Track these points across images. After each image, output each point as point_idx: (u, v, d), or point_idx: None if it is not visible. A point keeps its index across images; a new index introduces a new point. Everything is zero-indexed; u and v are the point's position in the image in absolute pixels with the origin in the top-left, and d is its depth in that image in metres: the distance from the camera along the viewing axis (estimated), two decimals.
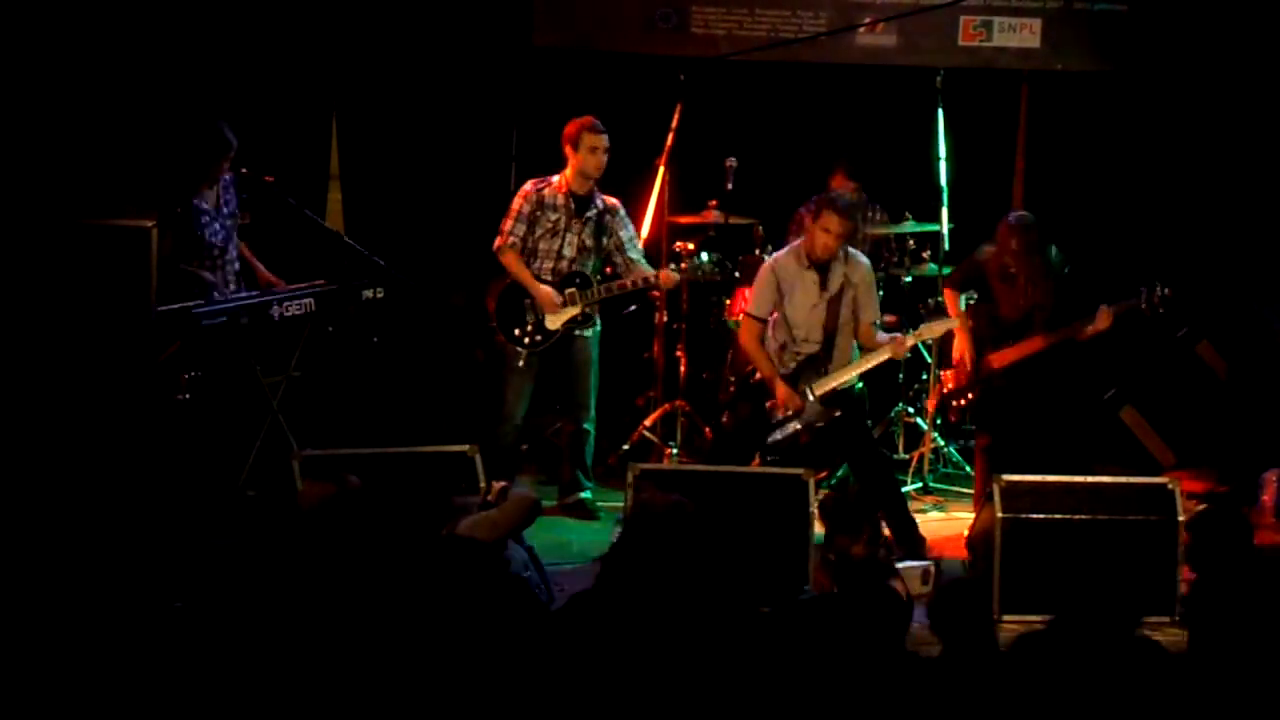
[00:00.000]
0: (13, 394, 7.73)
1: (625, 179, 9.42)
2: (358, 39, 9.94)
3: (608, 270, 8.75)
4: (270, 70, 9.68)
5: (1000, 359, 8.40)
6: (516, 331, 8.64)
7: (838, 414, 8.11)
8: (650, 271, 8.69)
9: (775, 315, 8.29)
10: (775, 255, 8.36)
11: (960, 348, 8.52)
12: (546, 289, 8.59)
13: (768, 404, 8.20)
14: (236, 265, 8.60)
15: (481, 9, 9.97)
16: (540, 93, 9.91)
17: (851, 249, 8.31)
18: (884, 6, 9.82)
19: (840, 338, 8.23)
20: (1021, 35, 9.88)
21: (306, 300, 8.53)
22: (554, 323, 8.63)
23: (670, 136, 9.24)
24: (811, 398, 8.13)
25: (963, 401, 8.51)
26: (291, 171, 9.29)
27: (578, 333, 8.67)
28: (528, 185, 8.69)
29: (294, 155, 9.71)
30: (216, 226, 8.47)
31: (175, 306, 8.09)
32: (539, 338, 8.64)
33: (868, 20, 9.79)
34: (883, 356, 8.20)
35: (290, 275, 8.81)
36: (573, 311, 8.62)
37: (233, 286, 8.52)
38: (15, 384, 7.75)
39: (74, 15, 9.06)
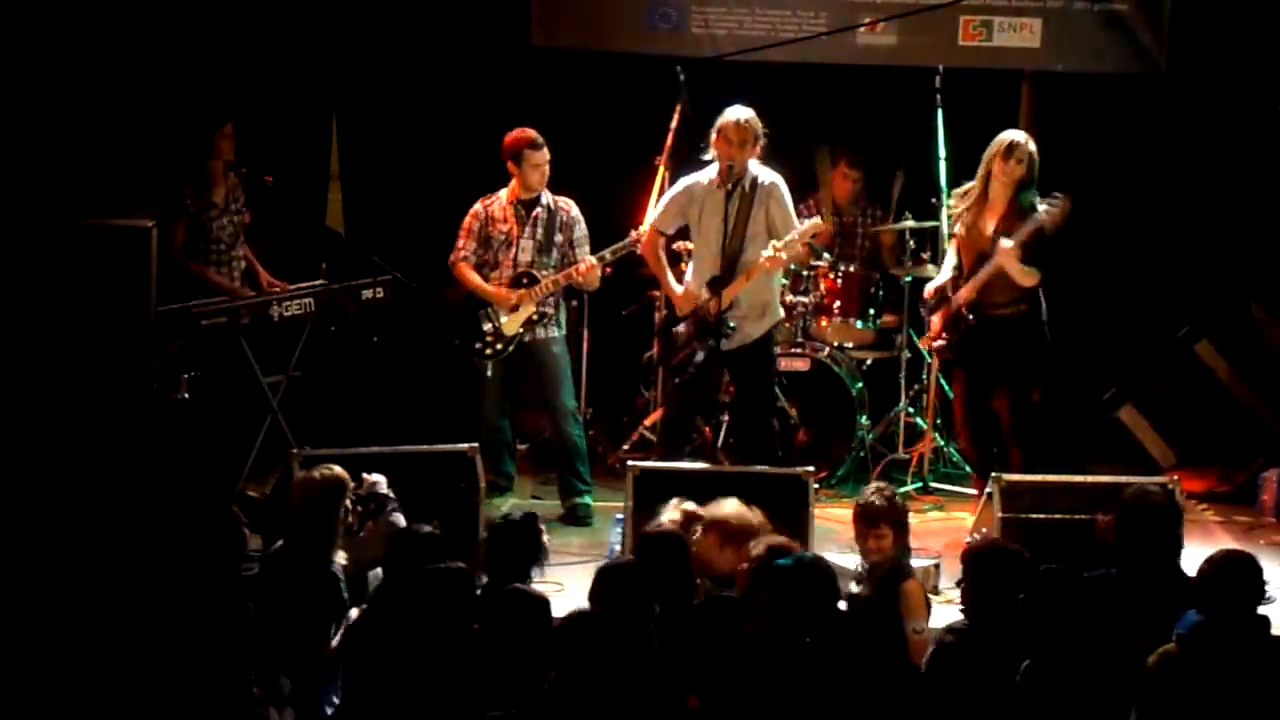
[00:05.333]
0: (13, 394, 7.73)
1: (625, 179, 9.43)
2: (358, 39, 9.94)
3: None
4: (270, 70, 9.68)
5: (964, 295, 8.36)
6: (478, 345, 8.64)
7: (732, 330, 8.15)
8: (578, 264, 8.64)
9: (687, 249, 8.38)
10: (692, 175, 8.38)
11: (929, 287, 8.50)
12: (500, 290, 8.60)
13: (673, 331, 8.30)
14: (243, 264, 8.64)
15: (481, 10, 9.97)
16: (539, 93, 9.90)
17: (765, 169, 8.29)
18: (884, 6, 9.81)
19: (745, 258, 8.20)
20: (1021, 35, 9.88)
21: (306, 300, 8.54)
22: (511, 327, 8.61)
23: (670, 136, 9.23)
24: (715, 310, 8.14)
25: (943, 343, 8.47)
26: (291, 171, 9.29)
27: (540, 334, 8.65)
28: (477, 205, 8.73)
29: (294, 155, 9.71)
30: (224, 221, 8.52)
31: (175, 306, 8.11)
32: (499, 345, 8.62)
33: (868, 20, 9.79)
34: (761, 270, 8.18)
35: (290, 275, 8.82)
36: (528, 312, 8.60)
37: (238, 283, 8.56)
38: (15, 384, 7.75)
39: (74, 15, 9.06)
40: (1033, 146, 8.30)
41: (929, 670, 5.78)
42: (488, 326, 8.63)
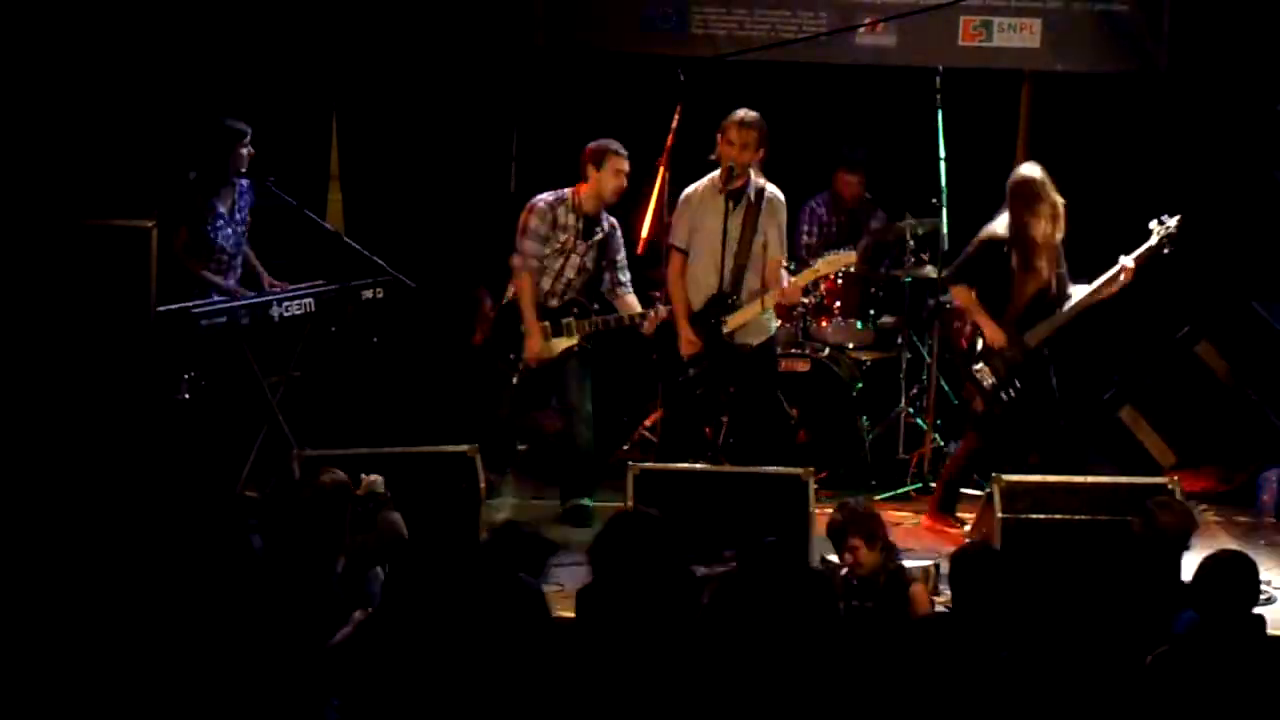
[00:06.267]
0: (13, 394, 7.74)
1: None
2: (358, 39, 9.94)
3: (600, 287, 8.69)
4: (270, 70, 9.68)
5: (1035, 338, 8.29)
6: (511, 355, 8.59)
7: (744, 349, 8.18)
8: (638, 309, 8.59)
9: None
10: (692, 185, 8.36)
11: (994, 334, 8.29)
12: (537, 336, 8.50)
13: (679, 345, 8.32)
14: (240, 270, 8.64)
15: (482, 9, 9.97)
16: (540, 93, 9.90)
17: (770, 185, 8.28)
18: (884, 6, 9.82)
19: (751, 273, 8.23)
20: (1021, 35, 9.89)
21: (306, 300, 8.54)
22: (549, 351, 8.56)
23: (670, 137, 9.23)
24: (721, 332, 8.15)
25: (1013, 392, 8.39)
26: (291, 171, 9.29)
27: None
28: (541, 202, 8.58)
29: (294, 155, 9.71)
30: (229, 231, 8.52)
31: (175, 306, 8.11)
32: (534, 365, 8.59)
33: (868, 20, 9.79)
34: (774, 298, 8.23)
35: (290, 275, 8.82)
36: (570, 342, 8.55)
37: (237, 285, 8.56)
38: (15, 384, 7.75)
39: (75, 15, 9.06)
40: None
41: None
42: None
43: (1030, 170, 8.32)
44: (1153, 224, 8.36)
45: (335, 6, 9.88)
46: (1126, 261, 8.25)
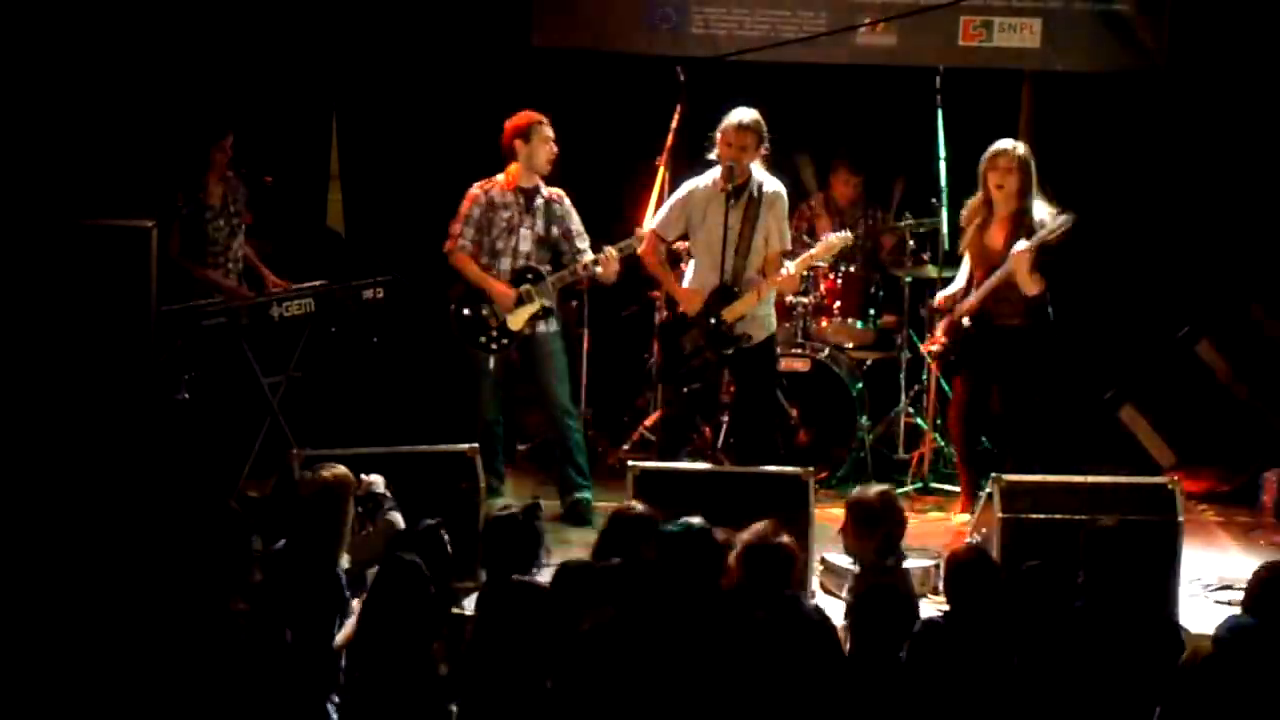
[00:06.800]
0: (13, 394, 7.74)
1: (625, 179, 9.42)
2: (358, 39, 9.94)
3: (561, 260, 8.66)
4: (270, 70, 9.68)
5: (969, 305, 8.33)
6: (482, 339, 8.58)
7: (745, 340, 8.18)
8: (591, 257, 8.59)
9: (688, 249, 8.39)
10: (694, 179, 8.36)
11: (940, 300, 8.48)
12: (502, 287, 8.50)
13: (680, 339, 8.29)
14: (242, 265, 8.64)
15: (481, 9, 9.97)
16: (540, 93, 9.89)
17: (770, 178, 8.29)
18: (884, 6, 9.81)
19: (752, 269, 8.24)
20: (1021, 35, 9.88)
21: (306, 300, 8.54)
22: (516, 322, 8.54)
23: (670, 136, 9.23)
24: (722, 323, 8.15)
25: (952, 358, 8.42)
26: (291, 171, 9.29)
27: (540, 328, 8.59)
28: (475, 189, 8.61)
29: (294, 155, 9.71)
30: (220, 223, 8.52)
31: (175, 307, 8.11)
32: (505, 340, 8.56)
33: (868, 20, 9.79)
34: (770, 287, 8.23)
35: (290, 275, 8.83)
36: (533, 308, 8.55)
37: (236, 283, 8.57)
38: (15, 384, 7.75)
39: (74, 16, 9.06)
40: (1022, 151, 8.27)
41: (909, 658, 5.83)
42: (491, 320, 8.59)
43: (1003, 141, 8.33)
44: (1045, 217, 8.26)
45: (335, 6, 9.88)
46: (1020, 245, 8.17)
